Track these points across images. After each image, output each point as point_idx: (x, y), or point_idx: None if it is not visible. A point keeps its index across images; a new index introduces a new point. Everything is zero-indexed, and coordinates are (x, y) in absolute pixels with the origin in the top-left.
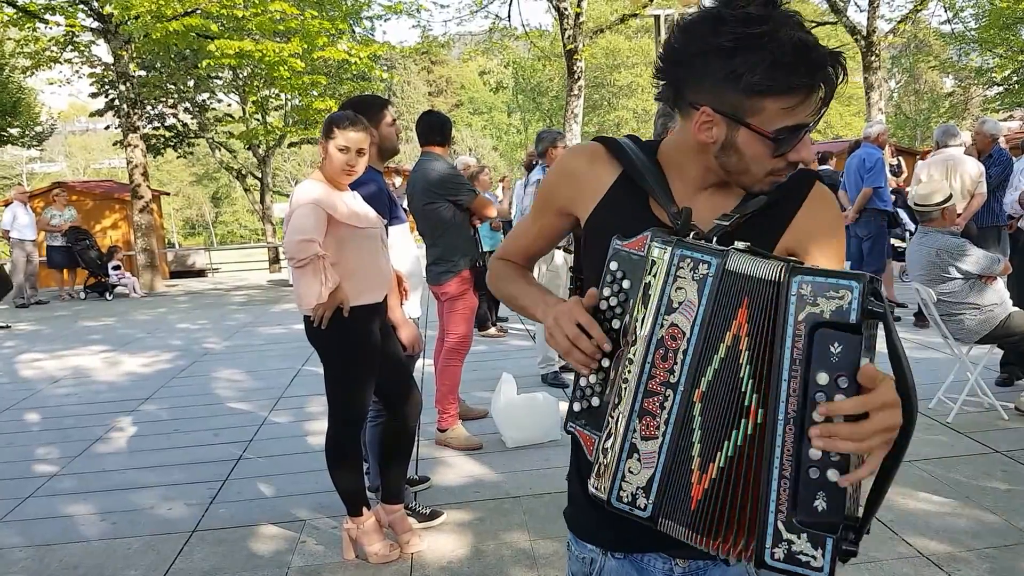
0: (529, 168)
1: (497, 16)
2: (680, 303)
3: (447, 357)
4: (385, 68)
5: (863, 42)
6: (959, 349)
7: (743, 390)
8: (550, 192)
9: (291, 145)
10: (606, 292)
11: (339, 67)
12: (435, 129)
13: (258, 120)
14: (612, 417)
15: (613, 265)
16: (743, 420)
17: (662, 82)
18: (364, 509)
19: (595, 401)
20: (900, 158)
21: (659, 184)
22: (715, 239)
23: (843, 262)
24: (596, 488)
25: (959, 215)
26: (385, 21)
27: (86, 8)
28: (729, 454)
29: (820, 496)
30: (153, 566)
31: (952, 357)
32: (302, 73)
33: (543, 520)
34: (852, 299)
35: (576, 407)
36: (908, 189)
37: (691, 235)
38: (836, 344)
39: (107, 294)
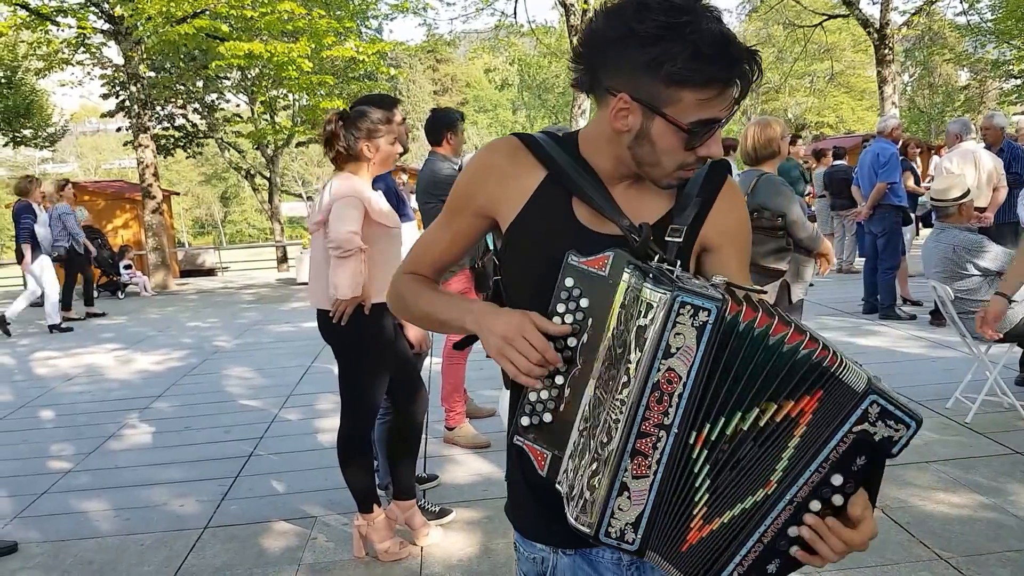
0: None
1: (503, 13)
2: (678, 348)
3: (450, 355)
4: (392, 66)
5: (876, 35)
6: (977, 348)
7: (776, 467)
8: (467, 192)
9: (299, 145)
10: (560, 308)
11: (346, 66)
12: (435, 129)
13: (266, 120)
14: (600, 455)
15: (568, 282)
16: (762, 490)
17: (580, 67)
18: (375, 506)
19: (547, 417)
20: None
21: (594, 188)
22: (679, 260)
23: (748, 260)
24: (580, 522)
25: (984, 209)
26: (391, 20)
27: (97, 10)
28: (735, 514)
29: (775, 563)
30: (166, 562)
31: (970, 356)
32: (310, 73)
33: None
34: (904, 436)
35: (525, 421)
36: (924, 186)
37: (655, 258)
38: (863, 458)
39: (119, 293)
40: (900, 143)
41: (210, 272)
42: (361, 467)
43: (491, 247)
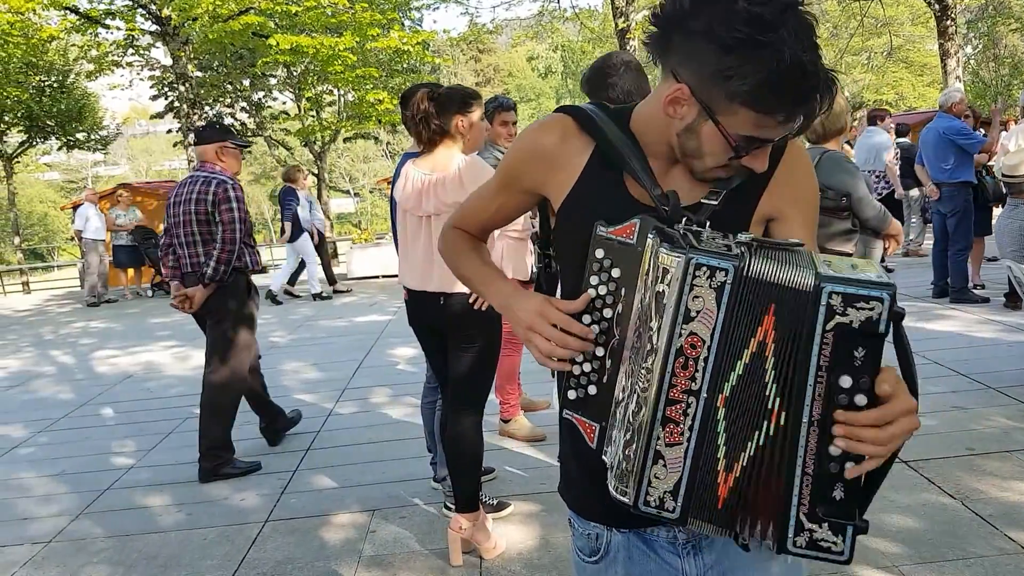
0: None
1: None
2: (698, 312)
3: (503, 347)
4: (434, 54)
5: (937, 7)
6: None
7: (767, 394)
8: (517, 170)
9: (345, 140)
10: (594, 281)
11: (390, 59)
12: None
13: (313, 116)
14: (632, 424)
15: (599, 253)
16: (765, 422)
17: (655, 33)
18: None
19: (592, 390)
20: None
21: (639, 162)
22: (707, 222)
23: (814, 226)
24: (618, 492)
25: None
26: (434, 10)
27: (145, 12)
28: (751, 454)
29: (838, 487)
30: (228, 556)
31: None
32: (355, 67)
33: None
34: (882, 310)
35: (572, 395)
36: (992, 162)
37: (683, 221)
38: (860, 349)
39: None
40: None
41: (263, 270)
42: (475, 464)
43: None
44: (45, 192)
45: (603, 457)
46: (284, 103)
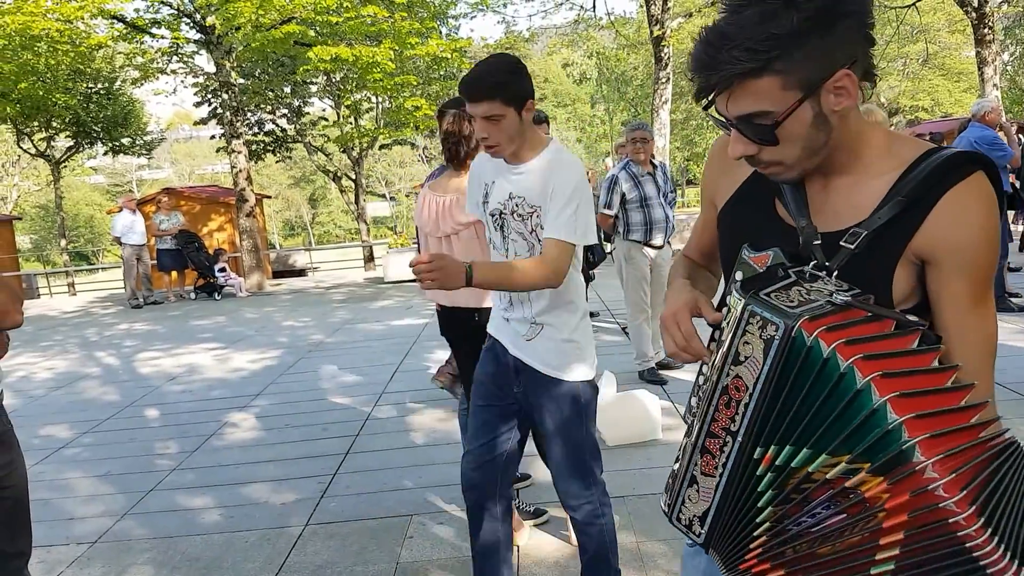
0: None
1: (582, 7)
2: (747, 357)
3: None
4: (471, 60)
5: (974, 14)
6: None
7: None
8: (703, 183)
9: (382, 147)
10: (729, 300)
11: (428, 67)
12: None
13: (351, 123)
14: (685, 441)
15: (738, 275)
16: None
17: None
18: None
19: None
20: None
21: (792, 186)
22: (839, 264)
23: (986, 282)
24: (663, 502)
25: None
26: (471, 19)
27: (189, 21)
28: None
29: None
30: (269, 559)
31: None
32: (393, 74)
33: (649, 520)
34: None
35: (693, 401)
36: None
37: (811, 264)
38: None
39: (215, 294)
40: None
41: (301, 272)
42: None
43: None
44: (91, 195)
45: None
46: (324, 109)
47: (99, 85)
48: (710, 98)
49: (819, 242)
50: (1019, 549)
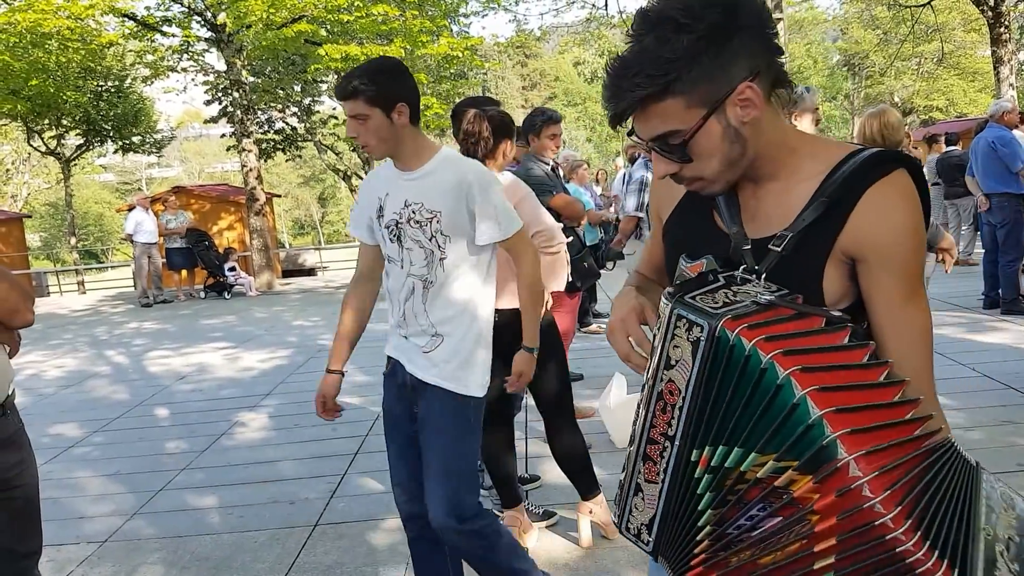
0: (632, 160)
1: (593, 5)
2: (677, 361)
3: None
4: (483, 59)
5: (990, 13)
6: None
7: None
8: (652, 200)
9: None
10: None
11: (438, 65)
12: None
13: None
14: (630, 450)
15: (664, 298)
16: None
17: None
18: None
19: None
20: None
21: (726, 197)
22: (768, 267)
23: (914, 278)
24: (614, 513)
25: None
26: (483, 17)
27: (200, 19)
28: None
29: None
30: (279, 559)
31: None
32: None
33: None
34: None
35: None
36: None
37: (740, 268)
38: None
39: (225, 293)
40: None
41: (311, 272)
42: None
43: (584, 243)
44: (100, 193)
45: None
46: (334, 108)
47: (109, 83)
48: (624, 124)
49: (749, 247)
50: (957, 553)
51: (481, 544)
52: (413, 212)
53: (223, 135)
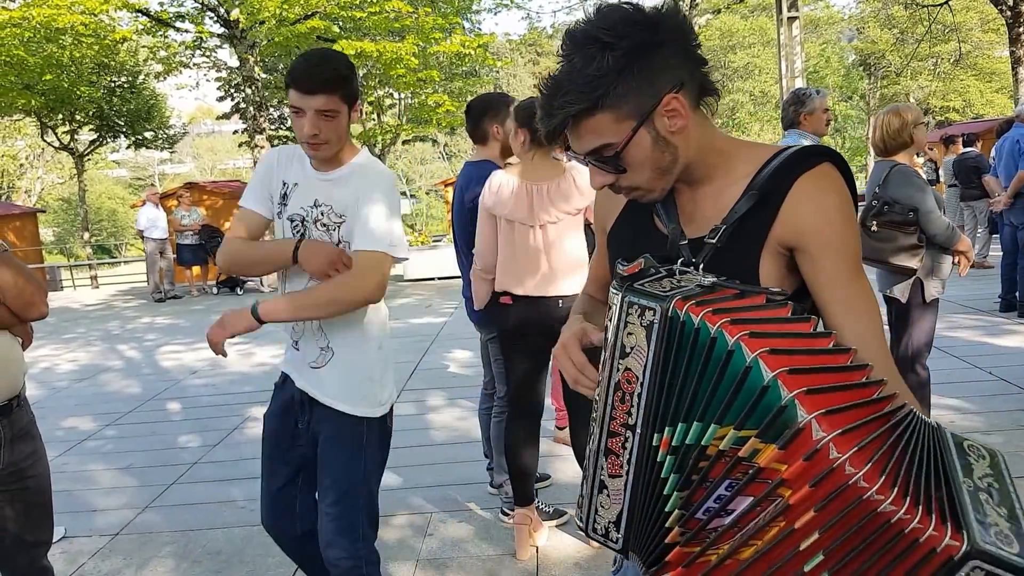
0: None
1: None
2: (632, 348)
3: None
4: (494, 56)
5: (1008, 12)
6: None
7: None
8: (595, 211)
9: (404, 143)
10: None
11: (451, 62)
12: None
13: (374, 119)
14: (588, 451)
15: (613, 289)
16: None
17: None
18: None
19: None
20: None
21: (664, 202)
22: (704, 259)
23: (855, 257)
24: (578, 517)
25: None
26: (496, 14)
27: (213, 15)
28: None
29: None
30: None
31: None
32: (416, 70)
33: None
34: None
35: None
36: None
37: (679, 262)
38: None
39: (238, 289)
40: None
41: None
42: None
43: None
44: (113, 188)
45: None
46: None
47: (122, 79)
48: (558, 140)
49: (686, 242)
50: (945, 509)
51: (356, 572)
52: (322, 214)
53: (235, 131)
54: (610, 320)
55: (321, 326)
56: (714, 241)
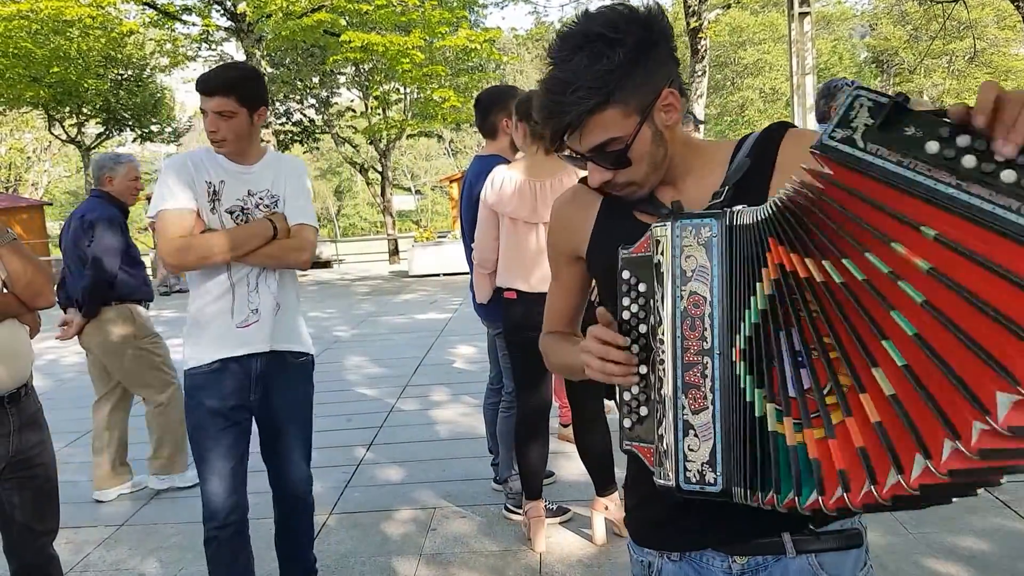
0: None
1: None
2: (693, 270)
3: None
4: (500, 51)
5: None
6: None
7: (796, 346)
8: (553, 244)
9: (409, 137)
10: (625, 302)
11: (457, 57)
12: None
13: (379, 114)
14: (658, 403)
15: (625, 274)
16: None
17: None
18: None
19: (643, 411)
20: None
21: (647, 196)
22: None
23: None
24: (662, 478)
25: None
26: (502, 8)
27: (220, 8)
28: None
29: None
30: None
31: None
32: (422, 65)
33: None
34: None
35: (627, 423)
36: None
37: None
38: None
39: None
40: None
41: (326, 264)
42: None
43: None
44: None
45: (656, 479)
46: (352, 100)
47: (129, 72)
48: (564, 139)
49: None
50: None
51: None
52: (260, 199)
53: None
54: (659, 256)
55: (271, 289)
56: (720, 200)
